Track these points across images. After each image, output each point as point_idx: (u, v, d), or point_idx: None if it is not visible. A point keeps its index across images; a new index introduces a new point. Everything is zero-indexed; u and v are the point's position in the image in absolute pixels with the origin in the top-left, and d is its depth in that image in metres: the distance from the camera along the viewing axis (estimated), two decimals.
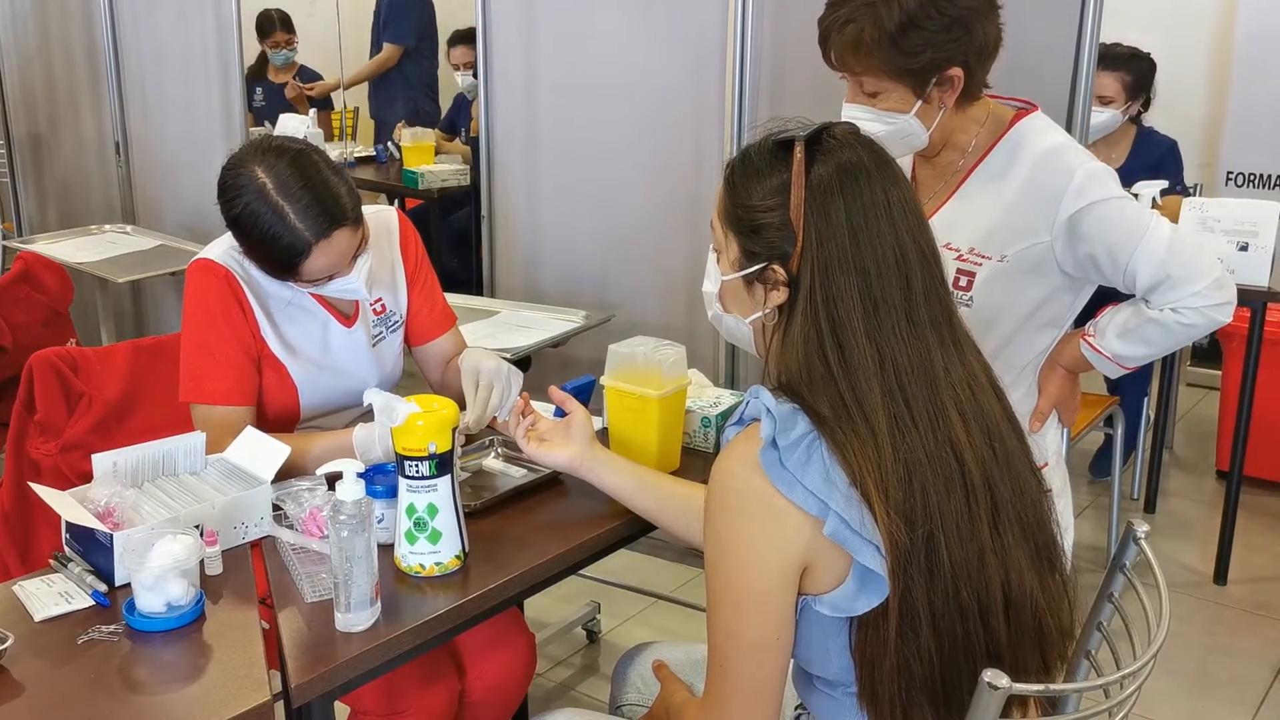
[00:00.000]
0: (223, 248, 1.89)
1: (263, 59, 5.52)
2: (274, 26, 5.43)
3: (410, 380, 2.17)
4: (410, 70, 5.59)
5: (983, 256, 1.74)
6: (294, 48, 5.49)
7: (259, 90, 5.40)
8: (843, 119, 1.51)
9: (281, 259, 1.77)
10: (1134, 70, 3.62)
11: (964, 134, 1.77)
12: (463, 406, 1.73)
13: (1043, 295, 1.77)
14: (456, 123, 5.27)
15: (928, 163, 1.83)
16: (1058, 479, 1.90)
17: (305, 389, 1.94)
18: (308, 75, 5.67)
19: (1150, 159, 3.65)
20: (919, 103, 1.69)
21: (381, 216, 2.06)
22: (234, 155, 1.80)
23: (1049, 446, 1.90)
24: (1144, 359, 1.83)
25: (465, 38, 5.00)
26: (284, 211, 1.73)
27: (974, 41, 1.66)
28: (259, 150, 1.78)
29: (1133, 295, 1.76)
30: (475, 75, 3.50)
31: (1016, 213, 1.72)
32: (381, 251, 2.02)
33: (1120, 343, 1.78)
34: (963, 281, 1.75)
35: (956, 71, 1.67)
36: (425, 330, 2.10)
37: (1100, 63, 3.53)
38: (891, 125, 1.70)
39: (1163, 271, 1.68)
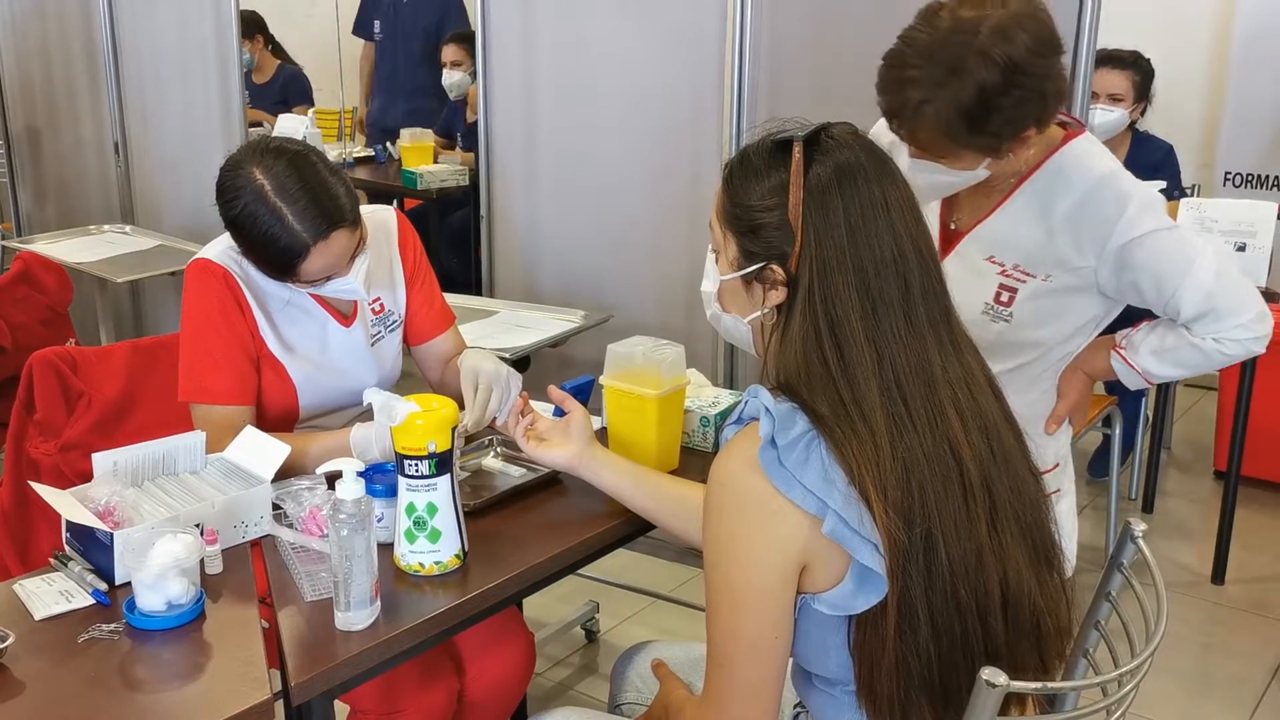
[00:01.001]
0: (221, 247, 1.89)
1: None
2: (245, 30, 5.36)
3: (409, 380, 2.18)
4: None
5: (1027, 274, 1.73)
6: (252, 52, 5.39)
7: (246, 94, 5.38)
8: (904, 170, 1.49)
9: (279, 260, 1.77)
10: (1140, 71, 3.63)
11: (1018, 159, 1.73)
12: (462, 406, 1.73)
13: (1080, 313, 1.77)
14: (452, 127, 5.24)
15: None
16: (1064, 480, 1.91)
17: (304, 389, 1.94)
18: (287, 73, 5.60)
19: (1148, 163, 3.65)
20: (989, 160, 1.65)
21: (380, 216, 2.06)
22: (232, 156, 1.80)
23: (1061, 448, 1.90)
24: (1174, 378, 1.84)
25: (457, 36, 4.99)
26: (282, 213, 1.73)
27: (1048, 105, 1.60)
28: (257, 151, 1.78)
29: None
30: (472, 74, 3.50)
31: (1064, 235, 1.70)
32: (380, 251, 2.02)
33: (1154, 360, 1.79)
34: (1004, 297, 1.74)
35: (1030, 132, 1.62)
36: (424, 330, 2.10)
37: (1109, 63, 3.54)
38: (959, 177, 1.66)
39: (1208, 304, 1.69)
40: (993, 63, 1.52)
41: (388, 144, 5.33)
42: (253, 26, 5.36)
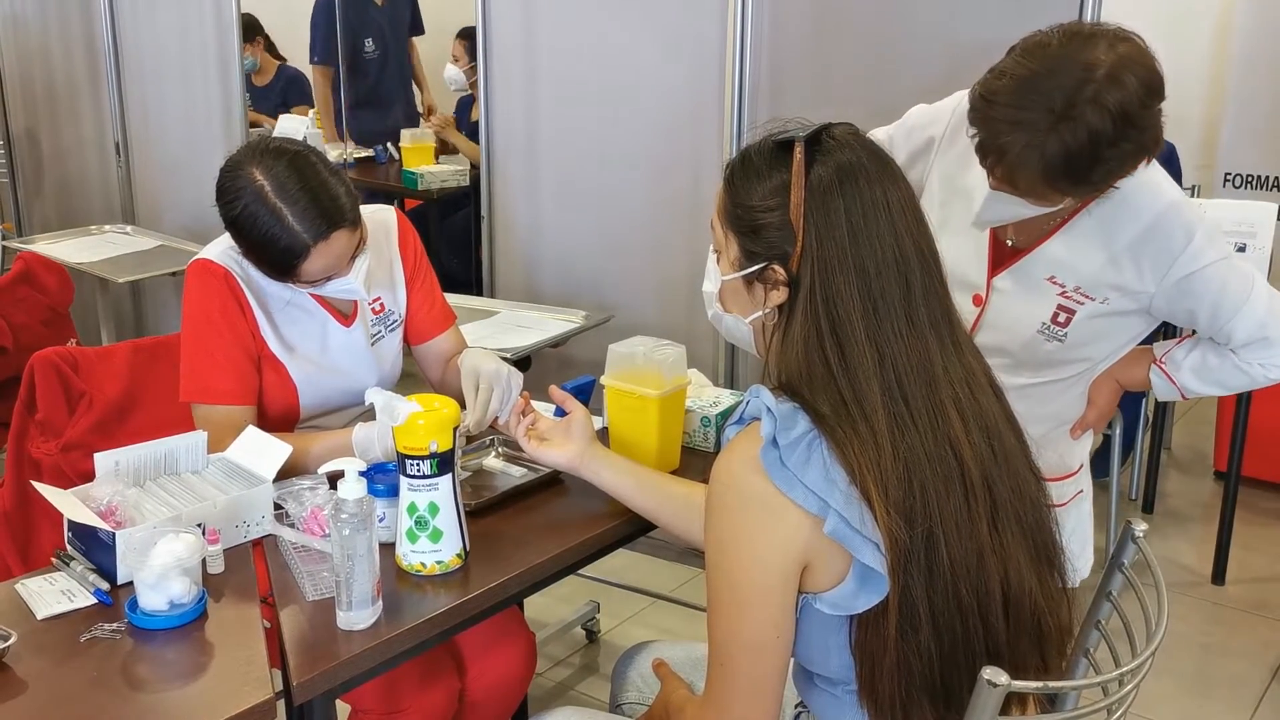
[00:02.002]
0: (221, 248, 1.89)
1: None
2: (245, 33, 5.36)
3: (410, 379, 2.18)
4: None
5: (1086, 297, 1.71)
6: (252, 56, 5.38)
7: (246, 95, 5.37)
8: (978, 194, 1.46)
9: (280, 260, 1.77)
10: None
11: None
12: (463, 406, 1.73)
13: (1126, 332, 1.77)
14: (460, 124, 5.24)
15: None
16: (1085, 482, 1.92)
17: (304, 388, 1.94)
18: (287, 74, 5.59)
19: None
20: (1070, 199, 1.59)
21: (380, 216, 2.06)
22: (232, 157, 1.80)
23: (1085, 451, 1.90)
24: (1210, 395, 1.84)
25: (464, 33, 4.99)
26: (282, 214, 1.73)
27: (1149, 155, 1.53)
28: (257, 152, 1.78)
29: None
30: (468, 70, 3.49)
31: (1127, 263, 1.68)
32: (380, 251, 2.03)
33: (1194, 378, 1.79)
34: (1061, 318, 1.72)
35: (1124, 179, 1.56)
36: (425, 329, 2.10)
37: None
38: (1036, 210, 1.59)
39: (1261, 333, 1.69)
40: (1107, 112, 1.43)
41: (388, 144, 5.33)
42: (251, 30, 5.35)
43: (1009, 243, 1.75)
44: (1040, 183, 1.50)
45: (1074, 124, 1.44)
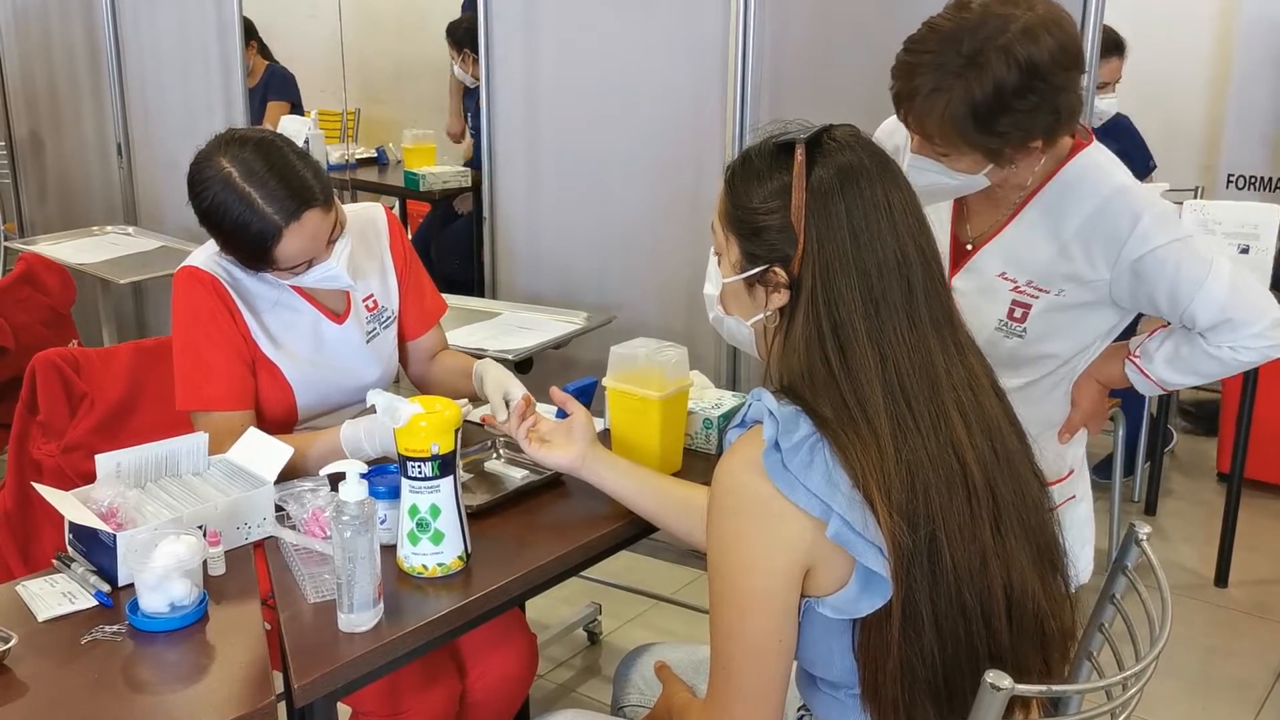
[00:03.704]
0: (207, 254, 1.90)
1: None
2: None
3: (409, 379, 2.18)
4: None
5: (1040, 290, 1.72)
6: (247, 62, 5.37)
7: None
8: (905, 167, 1.47)
9: (253, 246, 1.77)
10: (1123, 53, 3.67)
11: (1025, 171, 1.71)
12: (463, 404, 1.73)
13: (1094, 326, 1.76)
14: (472, 116, 5.24)
15: (981, 190, 1.77)
16: (1080, 485, 1.90)
17: (301, 388, 1.94)
18: (273, 73, 5.58)
19: (1112, 134, 3.71)
20: (990, 166, 1.63)
21: (369, 213, 2.07)
22: (200, 151, 1.81)
23: (1076, 455, 1.90)
24: (1190, 385, 1.82)
25: (450, 33, 4.99)
26: (251, 198, 1.74)
27: (1061, 120, 1.58)
28: (223, 142, 1.80)
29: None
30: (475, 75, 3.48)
31: (1076, 250, 1.69)
32: (370, 248, 2.03)
33: (1169, 369, 1.77)
34: (1017, 313, 1.73)
35: (1037, 144, 1.61)
36: (416, 325, 2.11)
37: (1105, 50, 3.56)
38: (958, 181, 1.65)
39: (1223, 315, 1.67)
40: (1014, 61, 1.51)
41: (389, 145, 5.33)
42: (246, 34, 5.36)
43: (969, 247, 1.76)
44: (947, 128, 1.56)
45: (981, 71, 1.51)
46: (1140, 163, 3.90)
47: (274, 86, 5.56)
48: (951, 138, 1.58)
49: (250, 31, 5.38)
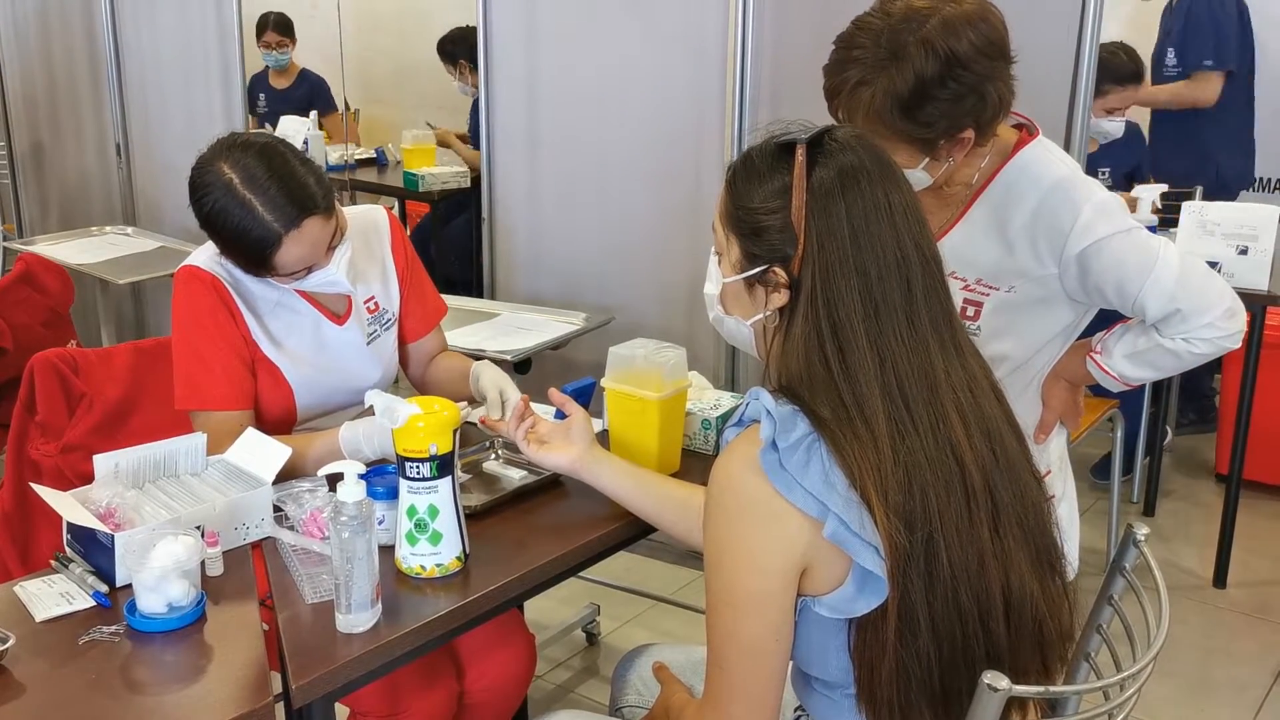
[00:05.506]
0: (207, 254, 1.90)
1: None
2: (265, 27, 5.37)
3: (408, 381, 2.18)
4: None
5: (990, 288, 1.72)
6: (286, 51, 5.42)
7: (262, 96, 5.38)
8: None
9: (253, 252, 1.77)
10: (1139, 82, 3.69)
11: (969, 167, 1.73)
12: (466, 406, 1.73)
13: (1050, 322, 1.76)
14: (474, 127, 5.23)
15: (929, 190, 1.78)
16: (1059, 484, 1.90)
17: (300, 389, 1.94)
18: (311, 80, 5.61)
19: (1115, 142, 3.71)
20: (926, 159, 1.65)
21: (371, 215, 2.07)
22: (202, 155, 1.81)
23: (1052, 454, 1.90)
24: (1150, 380, 1.82)
25: (441, 49, 4.97)
26: (252, 205, 1.73)
27: (988, 106, 1.60)
28: (225, 147, 1.79)
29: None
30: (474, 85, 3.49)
31: (1023, 245, 1.70)
32: (372, 250, 2.03)
33: (1128, 364, 1.77)
34: (970, 311, 1.73)
35: (968, 134, 1.62)
36: (417, 328, 2.11)
37: (1122, 79, 3.59)
38: None
39: (1172, 305, 1.67)
40: (934, 53, 1.55)
41: (389, 145, 5.32)
42: (286, 27, 5.37)
43: None
44: (875, 120, 1.59)
45: (901, 63, 1.56)
46: (1141, 167, 3.90)
47: (319, 98, 5.53)
48: (879, 130, 1.60)
49: (287, 28, 5.38)
